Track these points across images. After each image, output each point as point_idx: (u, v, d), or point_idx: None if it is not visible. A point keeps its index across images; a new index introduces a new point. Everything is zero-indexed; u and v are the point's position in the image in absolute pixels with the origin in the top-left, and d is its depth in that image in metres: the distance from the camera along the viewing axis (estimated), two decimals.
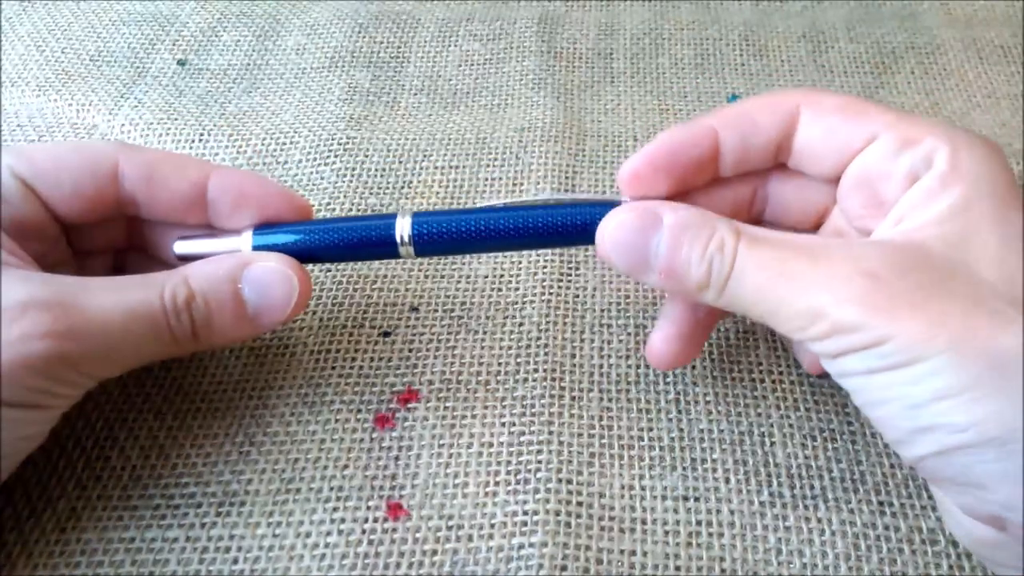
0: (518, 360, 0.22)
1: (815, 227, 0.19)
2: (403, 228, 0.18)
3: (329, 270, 0.24)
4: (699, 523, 0.18)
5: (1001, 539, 0.15)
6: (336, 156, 0.28)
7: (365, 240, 0.18)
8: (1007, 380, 0.13)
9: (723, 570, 0.18)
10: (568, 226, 0.18)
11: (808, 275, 0.15)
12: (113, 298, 0.16)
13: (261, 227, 0.19)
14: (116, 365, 0.17)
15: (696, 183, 0.18)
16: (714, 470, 0.19)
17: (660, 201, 0.17)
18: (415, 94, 0.31)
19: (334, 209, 0.26)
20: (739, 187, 0.19)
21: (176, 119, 0.29)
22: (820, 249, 0.15)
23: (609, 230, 0.17)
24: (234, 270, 0.17)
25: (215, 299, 0.17)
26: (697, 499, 0.19)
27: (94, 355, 0.16)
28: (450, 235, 0.18)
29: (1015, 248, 0.15)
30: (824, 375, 0.21)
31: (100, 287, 0.16)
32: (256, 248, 0.18)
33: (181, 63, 0.32)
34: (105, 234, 0.20)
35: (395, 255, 0.18)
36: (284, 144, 0.28)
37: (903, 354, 0.14)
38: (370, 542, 0.18)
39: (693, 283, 0.16)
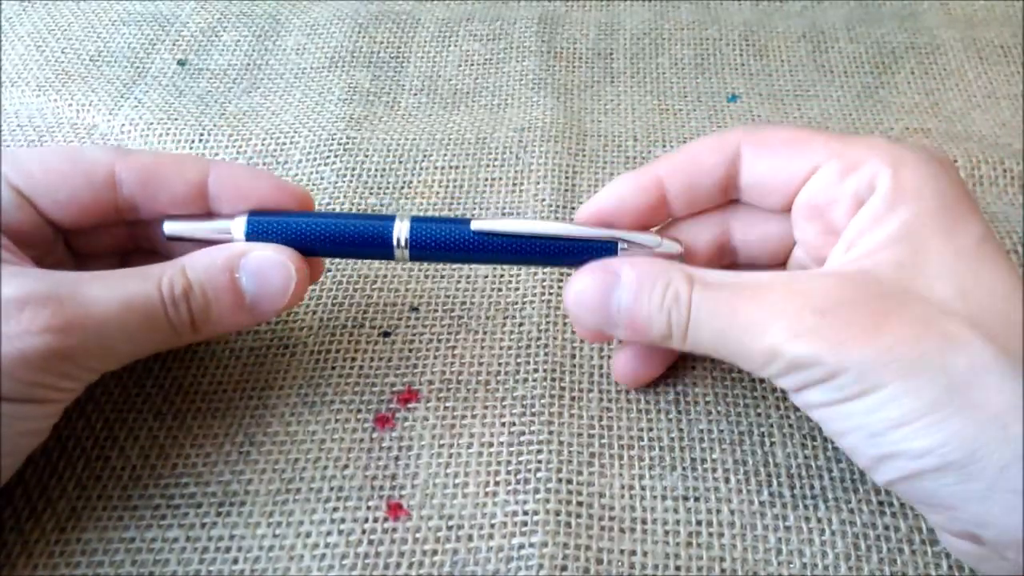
0: (518, 360, 0.22)
1: (785, 259, 0.19)
2: (400, 231, 0.18)
3: (329, 270, 0.24)
4: (699, 523, 0.18)
5: (982, 552, 0.15)
6: (336, 156, 0.28)
7: (361, 238, 0.18)
8: (962, 401, 0.13)
9: (723, 570, 0.18)
10: (558, 257, 0.18)
11: (759, 316, 0.15)
12: (110, 291, 0.16)
13: (257, 213, 0.18)
14: (115, 358, 0.17)
15: (652, 224, 0.19)
16: (714, 470, 0.19)
17: (621, 258, 0.18)
18: (415, 94, 0.31)
19: (333, 209, 0.26)
20: (713, 219, 0.19)
21: (176, 119, 0.29)
22: (769, 288, 0.16)
23: (572, 294, 0.17)
24: (231, 259, 0.17)
25: (212, 289, 0.17)
26: (697, 499, 0.19)
27: (93, 348, 0.16)
28: (445, 246, 0.18)
29: (968, 261, 0.15)
30: None
31: (97, 280, 0.16)
32: (249, 233, 0.18)
33: (181, 63, 0.32)
34: (108, 237, 0.20)
35: (389, 256, 0.18)
36: (284, 144, 0.28)
37: (858, 384, 0.14)
38: (370, 542, 0.18)
39: (656, 334, 0.17)
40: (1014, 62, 0.32)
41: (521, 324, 0.23)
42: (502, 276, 0.24)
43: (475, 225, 0.18)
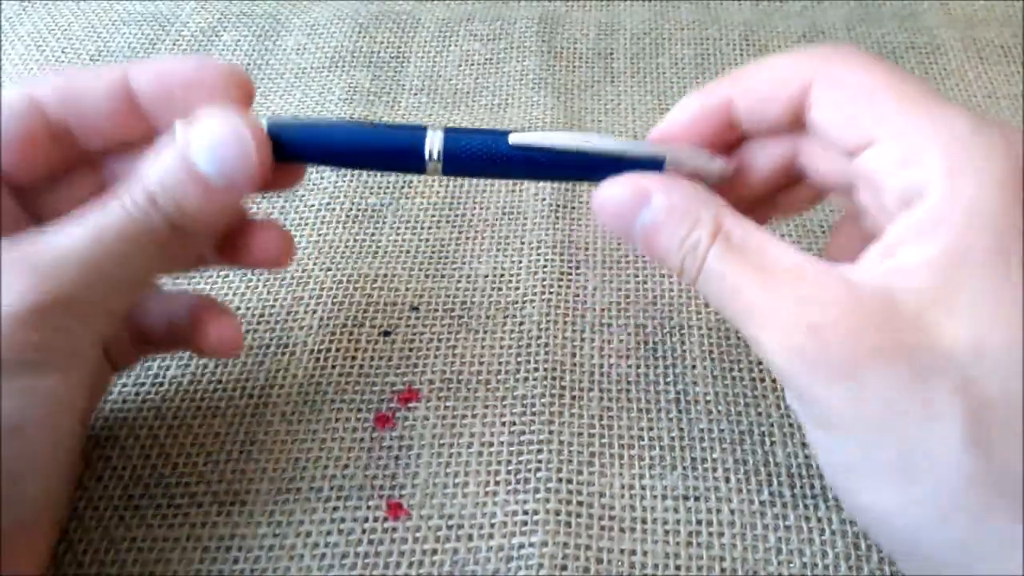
0: (518, 359, 0.22)
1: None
2: (434, 143, 0.17)
3: (329, 268, 0.24)
4: (699, 522, 0.18)
5: None
6: None
7: (393, 148, 0.17)
8: (908, 478, 0.13)
9: (723, 569, 0.18)
10: (598, 172, 0.17)
11: (757, 307, 0.14)
12: (75, 228, 0.15)
13: (277, 121, 0.17)
14: (115, 293, 0.16)
15: (725, 146, 0.17)
16: (714, 469, 0.19)
17: (658, 178, 0.16)
18: (415, 94, 0.31)
19: (333, 209, 0.26)
20: (784, 140, 0.17)
21: None
22: (779, 280, 0.14)
23: (600, 199, 0.17)
24: (182, 150, 0.16)
25: (175, 186, 0.16)
26: (697, 498, 0.19)
27: (81, 288, 0.15)
28: (480, 159, 0.17)
29: (997, 312, 0.12)
30: None
31: (57, 226, 0.15)
32: (272, 135, 0.17)
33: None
34: (74, 191, 0.18)
35: (421, 170, 0.17)
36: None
37: (822, 418, 0.14)
38: (370, 542, 0.18)
39: (670, 267, 0.16)
40: (1014, 62, 0.32)
41: (521, 323, 0.23)
42: (502, 276, 0.24)
43: (513, 139, 0.17)
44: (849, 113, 0.15)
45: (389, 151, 0.17)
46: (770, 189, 0.18)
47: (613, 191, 0.17)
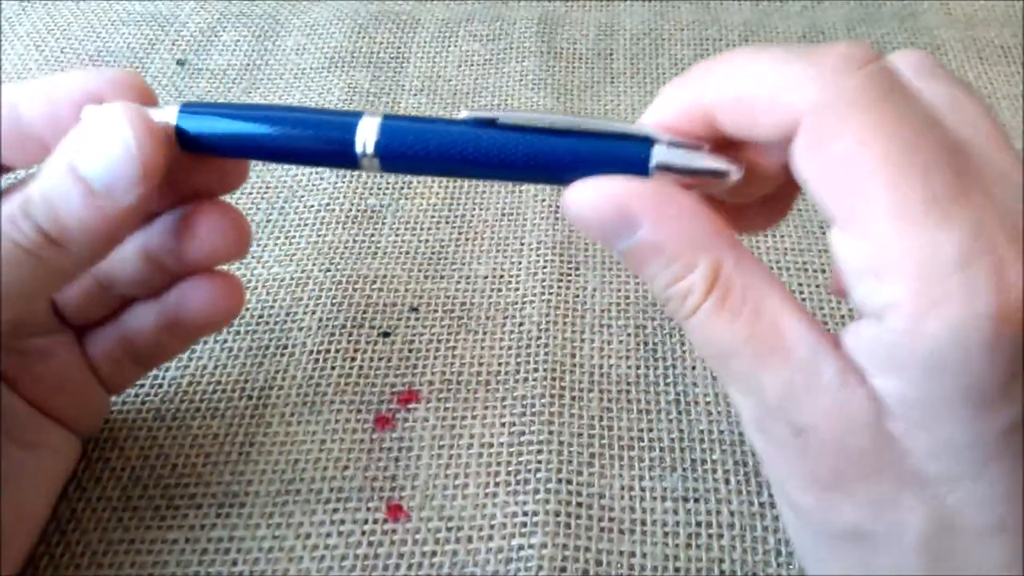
0: (518, 360, 0.22)
1: None
2: (367, 134, 0.14)
3: (328, 269, 0.24)
4: (699, 524, 0.18)
5: None
6: None
7: (315, 140, 0.15)
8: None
9: (722, 572, 0.18)
10: (572, 165, 0.14)
11: (744, 382, 0.13)
12: None
13: (190, 105, 0.15)
14: None
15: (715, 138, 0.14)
16: (714, 471, 0.19)
17: (648, 192, 0.13)
18: (415, 95, 0.31)
19: (333, 210, 0.26)
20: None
21: None
22: (773, 361, 0.12)
23: (574, 205, 0.14)
24: (64, 148, 0.14)
25: (52, 188, 0.14)
26: (697, 500, 0.19)
27: None
28: (425, 147, 0.14)
29: (972, 458, 0.11)
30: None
31: None
32: (179, 130, 0.15)
33: (181, 63, 0.32)
34: None
35: (352, 164, 0.15)
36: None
37: (796, 507, 0.13)
38: (370, 544, 0.18)
39: (652, 295, 0.15)
40: (1014, 62, 0.32)
41: (521, 324, 0.23)
42: (502, 277, 0.24)
43: (465, 113, 0.14)
44: (830, 183, 0.12)
45: (313, 142, 0.14)
46: (777, 192, 0.15)
47: (588, 198, 0.13)
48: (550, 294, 0.23)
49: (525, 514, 0.18)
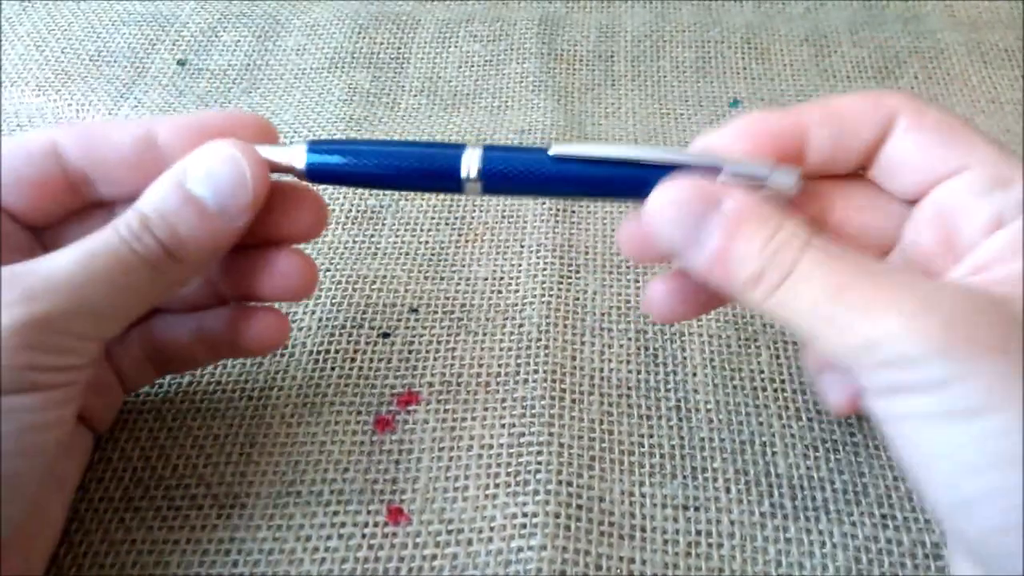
0: (518, 361, 0.22)
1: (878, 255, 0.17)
2: (471, 163, 0.16)
3: (328, 270, 0.24)
4: (699, 533, 0.18)
5: None
6: None
7: (428, 170, 0.17)
8: None
9: None
10: (645, 187, 0.16)
11: (877, 299, 0.13)
12: (70, 251, 0.15)
13: (317, 143, 0.17)
14: (105, 317, 0.16)
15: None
16: (715, 479, 0.19)
17: (720, 184, 0.15)
18: (415, 95, 0.31)
19: (333, 210, 0.26)
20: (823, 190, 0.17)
21: None
22: (895, 275, 0.14)
23: (658, 204, 0.15)
24: (177, 175, 0.16)
25: (169, 209, 0.16)
26: (697, 508, 0.19)
27: (70, 310, 0.15)
28: (522, 177, 0.16)
29: None
30: (853, 416, 0.20)
31: (55, 252, 0.15)
32: (310, 165, 0.17)
33: (181, 63, 0.32)
34: (83, 232, 0.18)
35: (458, 190, 0.17)
36: (284, 145, 0.28)
37: (974, 401, 0.12)
38: (370, 546, 0.18)
39: (741, 279, 0.14)
40: (1017, 66, 0.32)
41: (521, 325, 0.23)
42: (502, 279, 0.24)
43: (555, 150, 0.16)
44: (937, 142, 0.15)
45: (423, 171, 0.17)
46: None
47: (672, 194, 0.15)
48: (550, 296, 0.23)
49: (525, 516, 0.18)
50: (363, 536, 0.18)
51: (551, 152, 0.16)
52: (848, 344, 0.13)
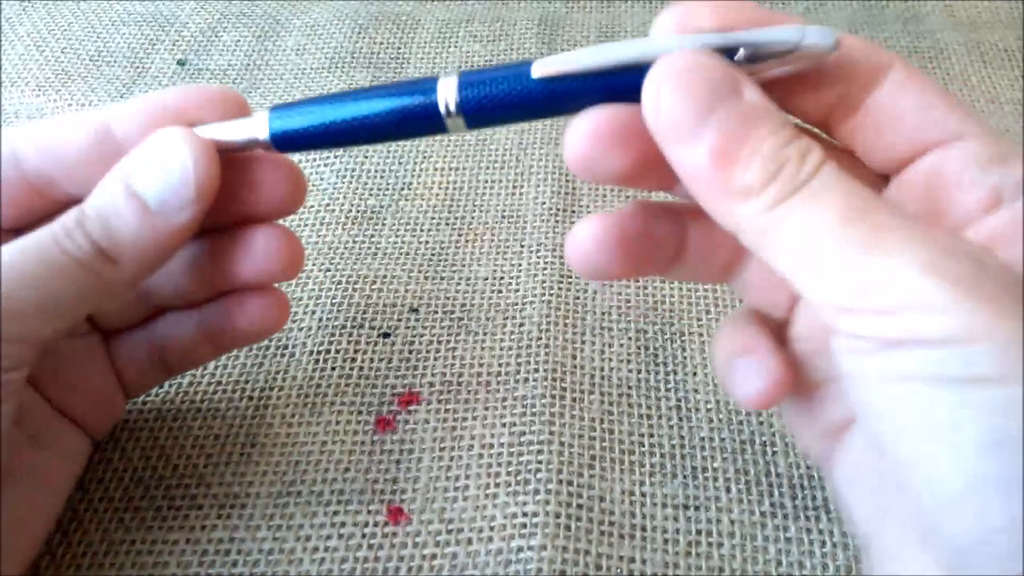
0: (519, 360, 0.22)
1: None
2: (447, 94, 0.14)
3: (328, 270, 0.24)
4: (699, 532, 0.18)
5: None
6: (336, 157, 0.28)
7: (402, 113, 0.15)
8: None
9: None
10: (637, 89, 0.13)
11: (895, 234, 0.11)
12: (8, 248, 0.14)
13: (279, 107, 0.15)
14: (34, 318, 0.14)
15: None
16: (715, 479, 0.19)
17: (738, 67, 0.13)
18: None
19: (333, 210, 0.26)
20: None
21: None
22: (910, 217, 0.12)
23: (671, 73, 0.12)
24: (122, 170, 0.15)
25: (106, 207, 0.15)
26: (697, 508, 0.19)
27: None
28: (507, 105, 0.14)
29: None
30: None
31: None
32: (273, 133, 0.15)
33: (181, 63, 0.32)
34: None
35: (440, 130, 0.15)
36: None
37: (999, 365, 0.10)
38: (370, 546, 0.18)
39: (740, 184, 0.12)
40: (1017, 66, 0.32)
41: (521, 324, 0.23)
42: (502, 278, 0.24)
43: (538, 70, 0.14)
44: (935, 103, 0.13)
45: (397, 114, 0.15)
46: None
47: (689, 62, 0.12)
48: (550, 295, 0.23)
49: (525, 515, 0.18)
50: (363, 536, 0.18)
51: (534, 74, 0.14)
52: (852, 281, 0.11)
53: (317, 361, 0.22)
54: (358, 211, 0.26)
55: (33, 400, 0.17)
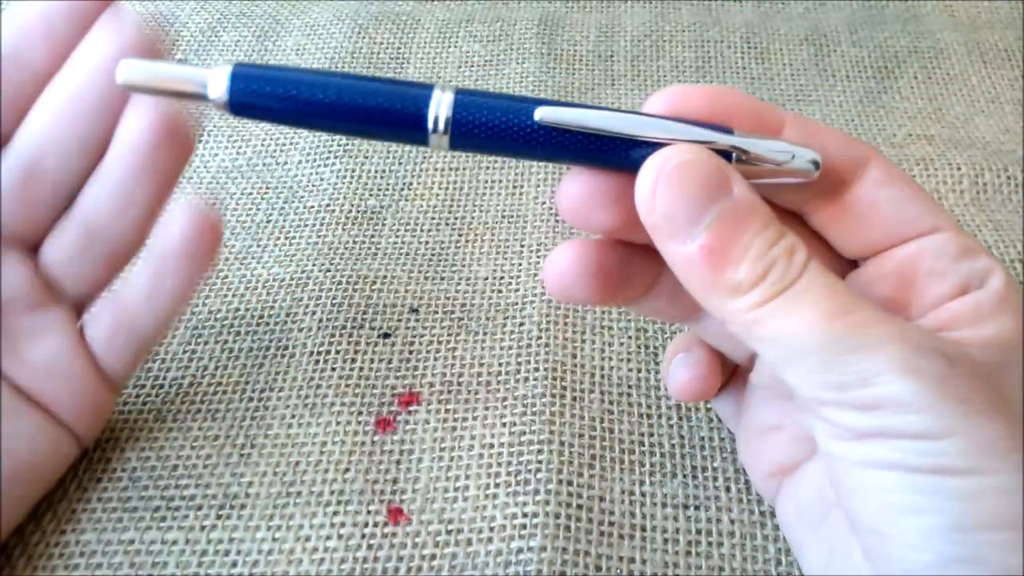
0: (519, 360, 0.22)
1: None
2: (441, 108, 0.13)
3: (328, 270, 0.24)
4: (699, 532, 0.18)
5: None
6: (336, 157, 0.28)
7: (383, 112, 0.13)
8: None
9: None
10: (636, 160, 0.14)
11: (874, 334, 0.12)
12: None
13: (245, 65, 0.14)
14: None
15: None
16: (715, 479, 0.19)
17: (729, 165, 0.13)
18: None
19: (333, 211, 0.26)
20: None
21: None
22: (887, 315, 0.13)
23: (669, 169, 0.13)
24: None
25: None
26: (697, 507, 0.19)
27: None
28: (498, 139, 0.14)
29: None
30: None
31: None
32: (232, 94, 0.13)
33: (181, 63, 0.32)
34: None
35: (421, 141, 0.14)
36: (284, 145, 0.28)
37: (965, 460, 0.11)
38: (369, 547, 0.18)
39: (730, 281, 0.13)
40: (1017, 66, 0.32)
41: (522, 324, 0.23)
42: (502, 278, 0.24)
43: (540, 115, 0.13)
44: (911, 198, 0.14)
45: (375, 112, 0.13)
46: None
47: (687, 157, 0.13)
48: (550, 295, 0.23)
49: (525, 516, 0.18)
50: (363, 536, 0.18)
51: (537, 118, 0.13)
52: (834, 377, 0.12)
53: (317, 362, 0.22)
54: (358, 211, 0.26)
55: None
